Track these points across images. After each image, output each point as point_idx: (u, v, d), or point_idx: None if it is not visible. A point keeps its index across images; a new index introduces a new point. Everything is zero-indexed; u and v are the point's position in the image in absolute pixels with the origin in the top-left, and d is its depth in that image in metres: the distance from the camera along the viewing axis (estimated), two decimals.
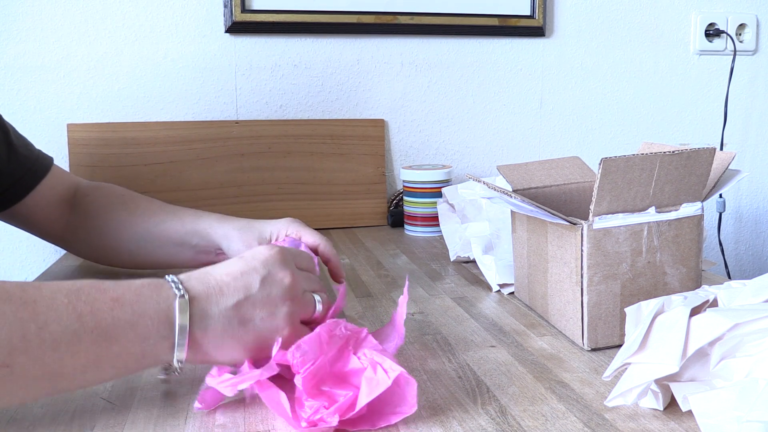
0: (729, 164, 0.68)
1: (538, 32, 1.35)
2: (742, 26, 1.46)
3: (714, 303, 0.53)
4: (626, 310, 0.54)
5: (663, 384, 0.50)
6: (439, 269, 0.94)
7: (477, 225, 0.97)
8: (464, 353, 0.62)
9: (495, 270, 0.83)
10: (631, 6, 1.41)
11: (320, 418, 0.47)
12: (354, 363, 0.50)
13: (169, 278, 0.50)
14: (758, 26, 1.48)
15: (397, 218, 1.25)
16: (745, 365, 0.46)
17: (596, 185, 0.59)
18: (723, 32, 1.44)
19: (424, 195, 1.16)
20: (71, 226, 0.88)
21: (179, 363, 0.49)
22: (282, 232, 0.77)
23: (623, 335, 0.58)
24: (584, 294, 0.62)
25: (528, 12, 1.34)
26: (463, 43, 1.33)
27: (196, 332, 0.49)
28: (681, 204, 0.63)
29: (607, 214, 0.61)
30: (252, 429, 0.49)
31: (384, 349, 0.51)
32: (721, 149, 1.37)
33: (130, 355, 0.47)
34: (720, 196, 1.47)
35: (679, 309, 0.49)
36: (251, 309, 0.51)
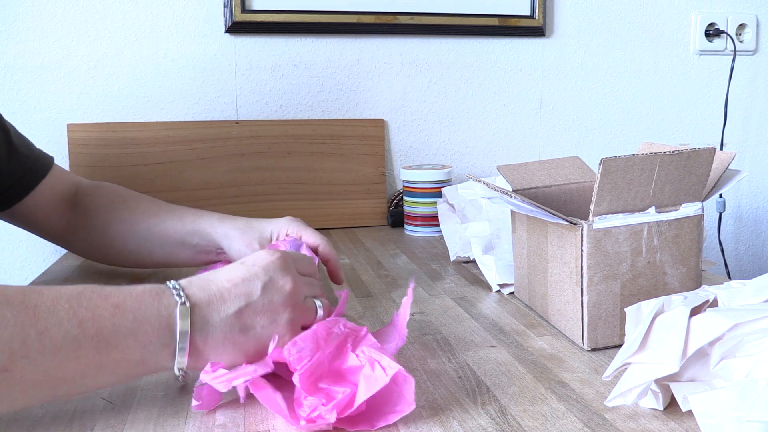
0: (729, 164, 0.68)
1: (538, 32, 1.35)
2: (742, 26, 1.46)
3: (714, 303, 0.53)
4: (626, 310, 0.54)
5: (663, 384, 0.50)
6: (439, 269, 0.94)
7: (477, 225, 0.97)
8: (464, 353, 0.62)
9: (495, 270, 0.83)
10: (631, 6, 1.41)
11: (318, 415, 0.47)
12: (352, 360, 0.50)
13: (171, 284, 0.50)
14: (758, 26, 1.48)
15: (397, 218, 1.24)
16: (745, 365, 0.46)
17: (596, 185, 0.59)
18: (723, 32, 1.44)
19: (424, 195, 1.16)
20: (72, 226, 0.88)
21: (180, 370, 0.49)
22: (282, 232, 0.77)
23: (623, 335, 0.58)
24: (584, 294, 0.62)
25: (528, 12, 1.34)
26: (463, 43, 1.33)
27: (197, 339, 0.49)
28: (681, 204, 0.63)
29: (607, 214, 0.61)
30: (252, 429, 0.49)
31: (382, 347, 0.51)
32: (721, 149, 1.37)
33: (131, 362, 0.47)
34: (720, 196, 1.47)
35: (679, 309, 0.49)
36: (252, 316, 0.51)
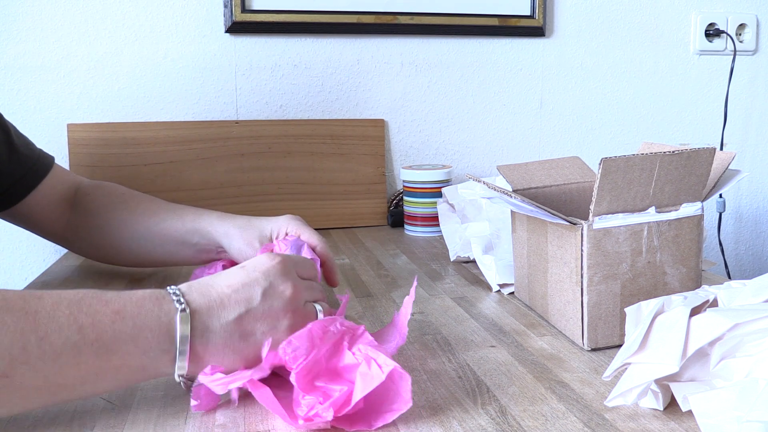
0: (729, 164, 0.68)
1: (538, 32, 1.35)
2: (742, 26, 1.46)
3: (714, 303, 0.53)
4: (626, 310, 0.54)
5: (663, 384, 0.50)
6: (439, 269, 0.94)
7: (477, 225, 0.97)
8: (464, 353, 0.62)
9: (495, 270, 0.83)
10: (631, 6, 1.41)
11: (315, 414, 0.47)
12: (348, 358, 0.50)
13: (171, 290, 0.50)
14: (758, 26, 1.48)
15: (397, 218, 1.24)
16: (745, 365, 0.46)
17: (596, 185, 0.59)
18: (723, 32, 1.44)
19: (424, 195, 1.16)
20: (72, 225, 0.88)
21: (180, 376, 0.49)
22: (282, 230, 0.77)
23: (623, 335, 0.58)
24: (584, 294, 0.62)
25: (528, 12, 1.34)
26: (463, 43, 1.33)
27: (197, 346, 0.49)
28: (681, 204, 0.63)
29: (607, 214, 0.61)
30: (252, 429, 0.49)
31: (379, 345, 0.51)
32: (721, 149, 1.37)
33: (131, 368, 0.48)
34: (720, 196, 1.47)
35: (679, 309, 0.49)
36: (252, 322, 0.51)
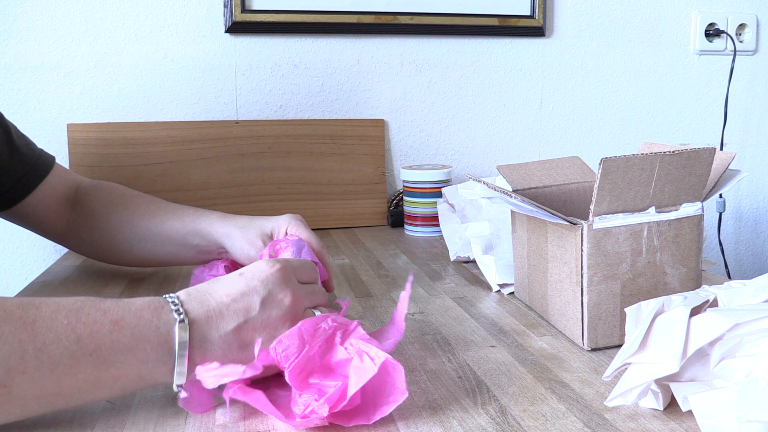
0: (729, 164, 0.68)
1: (538, 32, 1.35)
2: (742, 26, 1.46)
3: (714, 303, 0.53)
4: (626, 310, 0.54)
5: (663, 384, 0.50)
6: (439, 269, 0.94)
7: (477, 225, 0.97)
8: (464, 353, 0.62)
9: (495, 270, 0.83)
10: (631, 6, 1.41)
11: (311, 410, 0.47)
12: (341, 354, 0.50)
13: (170, 299, 0.50)
14: (758, 26, 1.48)
15: (397, 218, 1.24)
16: (745, 365, 0.46)
17: (596, 185, 0.59)
18: (723, 32, 1.44)
19: (424, 195, 1.16)
20: (72, 225, 0.88)
21: (178, 387, 0.49)
22: (282, 228, 0.77)
23: (623, 335, 0.58)
24: (584, 294, 0.62)
25: (528, 12, 1.34)
26: (463, 43, 1.33)
27: (196, 357, 0.49)
28: (681, 204, 0.63)
29: (607, 214, 0.61)
30: (252, 429, 0.49)
31: (370, 338, 0.51)
32: (721, 149, 1.37)
33: (129, 378, 0.48)
34: (720, 196, 1.47)
35: (679, 309, 0.49)
36: (251, 332, 0.51)
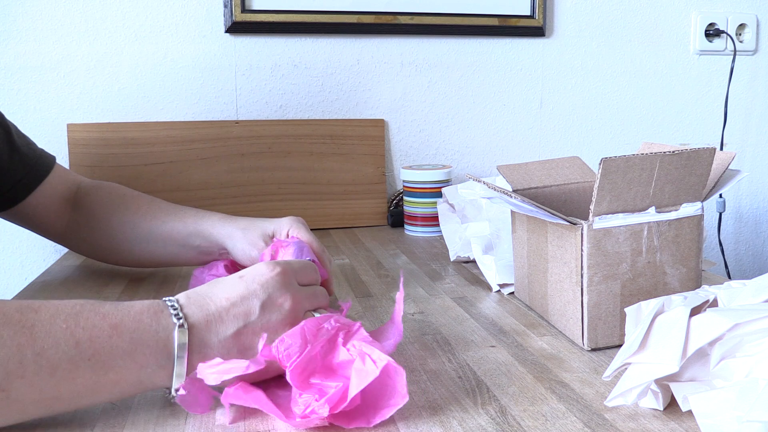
0: (729, 164, 0.68)
1: (538, 32, 1.35)
2: (742, 26, 1.46)
3: (714, 303, 0.53)
4: (626, 310, 0.54)
5: (663, 384, 0.50)
6: (439, 269, 0.94)
7: (477, 225, 0.97)
8: (464, 353, 0.62)
9: (495, 270, 0.83)
10: (631, 6, 1.41)
11: (312, 410, 0.47)
12: (343, 355, 0.50)
13: (169, 302, 0.50)
14: (758, 26, 1.48)
15: (397, 218, 1.24)
16: (745, 365, 0.46)
17: (596, 185, 0.59)
18: (723, 32, 1.44)
19: (424, 195, 1.16)
20: (73, 225, 0.88)
21: (176, 391, 0.49)
22: (284, 231, 0.77)
23: (623, 335, 0.58)
24: (584, 294, 0.62)
25: (528, 12, 1.34)
26: (463, 43, 1.33)
27: (195, 361, 0.49)
28: (681, 204, 0.63)
29: (607, 214, 0.61)
30: (252, 429, 0.49)
31: (373, 341, 0.51)
32: (721, 149, 1.37)
33: (127, 382, 0.48)
34: (720, 196, 1.47)
35: (679, 309, 0.49)
36: (251, 337, 0.51)
